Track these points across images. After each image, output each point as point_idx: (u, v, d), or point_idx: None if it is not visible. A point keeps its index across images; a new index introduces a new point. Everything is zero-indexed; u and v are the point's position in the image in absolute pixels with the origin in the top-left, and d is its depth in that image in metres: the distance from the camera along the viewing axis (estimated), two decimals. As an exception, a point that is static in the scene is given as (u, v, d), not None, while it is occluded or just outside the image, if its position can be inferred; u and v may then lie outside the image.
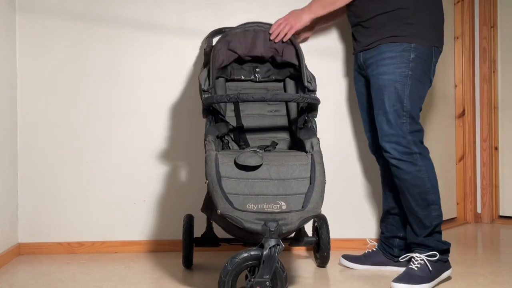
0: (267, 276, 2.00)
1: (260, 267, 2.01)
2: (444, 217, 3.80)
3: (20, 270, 2.72)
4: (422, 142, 2.45)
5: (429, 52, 2.42)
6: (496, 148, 3.93)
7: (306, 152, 2.24)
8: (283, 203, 2.07)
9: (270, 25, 2.61)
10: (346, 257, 2.74)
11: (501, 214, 3.93)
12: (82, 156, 3.02)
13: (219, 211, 2.05)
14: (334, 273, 2.63)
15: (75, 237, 3.02)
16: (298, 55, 2.56)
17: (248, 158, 2.12)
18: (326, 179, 2.16)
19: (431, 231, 2.44)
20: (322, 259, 2.70)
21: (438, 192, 2.46)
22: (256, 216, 2.04)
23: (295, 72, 2.60)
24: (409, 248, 2.56)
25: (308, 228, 2.85)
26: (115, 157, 3.03)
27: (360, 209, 3.08)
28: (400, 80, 2.38)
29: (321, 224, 2.70)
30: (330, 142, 3.00)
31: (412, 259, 2.43)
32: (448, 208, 3.86)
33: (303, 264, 2.80)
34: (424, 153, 2.43)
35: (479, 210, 3.93)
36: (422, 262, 2.39)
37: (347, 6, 2.56)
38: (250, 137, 2.59)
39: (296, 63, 2.57)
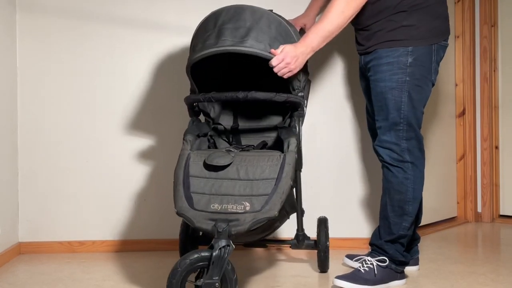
0: (216, 278, 1.98)
1: (209, 268, 1.99)
2: (444, 216, 3.84)
3: (20, 269, 2.73)
4: (421, 150, 2.40)
5: (428, 51, 2.34)
6: (497, 147, 3.92)
7: (283, 152, 2.23)
8: (247, 204, 2.06)
9: None
10: (350, 256, 2.74)
11: (501, 213, 3.92)
12: (82, 155, 3.02)
13: (175, 210, 2.07)
14: (335, 272, 2.62)
15: (75, 236, 3.03)
16: None
17: (217, 158, 2.13)
18: (291, 181, 2.12)
19: (394, 239, 2.42)
20: (320, 261, 2.65)
21: (417, 207, 2.43)
22: (208, 216, 2.04)
23: None
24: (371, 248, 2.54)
25: (310, 230, 2.83)
26: (116, 156, 3.03)
27: (361, 208, 3.08)
28: (397, 87, 2.32)
29: (319, 225, 2.67)
30: (331, 142, 2.99)
31: (363, 262, 2.43)
32: (449, 207, 3.86)
33: (303, 264, 2.80)
34: (417, 163, 2.38)
35: (479, 209, 3.93)
36: (371, 266, 2.39)
37: None
38: (244, 137, 2.59)
39: None
